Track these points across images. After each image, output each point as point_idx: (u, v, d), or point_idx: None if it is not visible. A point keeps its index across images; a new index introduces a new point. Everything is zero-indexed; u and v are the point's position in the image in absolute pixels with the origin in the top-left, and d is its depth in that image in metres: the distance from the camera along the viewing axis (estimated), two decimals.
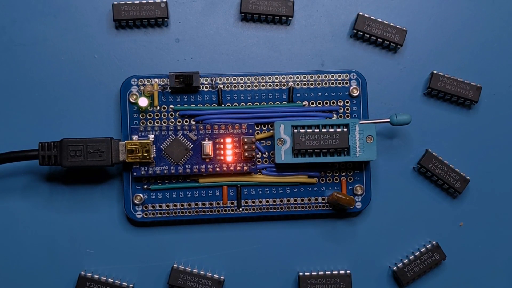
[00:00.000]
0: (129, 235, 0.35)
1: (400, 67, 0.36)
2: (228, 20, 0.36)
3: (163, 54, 0.35)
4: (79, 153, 0.32)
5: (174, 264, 0.34)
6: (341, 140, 0.33)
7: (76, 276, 0.34)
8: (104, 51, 0.35)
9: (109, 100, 0.35)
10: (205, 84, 0.34)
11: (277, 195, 0.34)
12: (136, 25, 0.35)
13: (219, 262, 0.35)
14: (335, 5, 0.36)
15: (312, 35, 0.36)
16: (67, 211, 0.34)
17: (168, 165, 0.33)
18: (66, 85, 0.35)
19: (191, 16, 0.36)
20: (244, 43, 0.36)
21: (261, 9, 0.35)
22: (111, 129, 0.35)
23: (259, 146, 0.34)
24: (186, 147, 0.33)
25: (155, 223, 0.35)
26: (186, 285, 0.34)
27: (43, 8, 0.35)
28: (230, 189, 0.34)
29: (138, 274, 0.34)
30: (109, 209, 0.35)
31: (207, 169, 0.33)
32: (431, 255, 0.35)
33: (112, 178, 0.35)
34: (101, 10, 0.35)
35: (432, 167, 0.35)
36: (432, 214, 0.36)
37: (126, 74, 0.34)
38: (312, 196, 0.35)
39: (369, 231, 0.35)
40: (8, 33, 0.35)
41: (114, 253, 0.34)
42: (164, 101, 0.34)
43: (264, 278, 0.35)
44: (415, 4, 0.36)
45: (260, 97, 0.34)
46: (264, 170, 0.34)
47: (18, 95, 0.34)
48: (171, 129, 0.33)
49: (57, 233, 0.34)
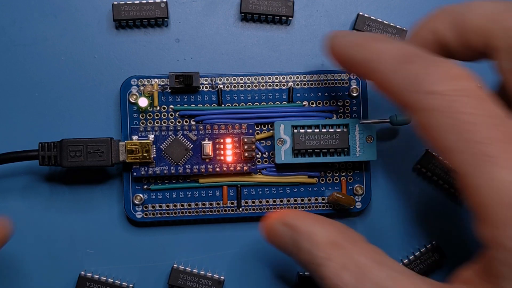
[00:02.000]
0: (129, 235, 0.35)
1: None
2: (228, 20, 0.36)
3: (163, 54, 0.35)
4: (79, 153, 0.32)
5: (174, 264, 0.34)
6: (341, 140, 0.33)
7: (76, 276, 0.34)
8: (104, 51, 0.35)
9: (109, 100, 0.35)
10: (205, 84, 0.34)
11: (277, 195, 0.34)
12: (136, 25, 0.35)
13: (219, 262, 0.35)
14: (335, 5, 0.36)
15: (312, 35, 0.36)
16: (67, 211, 0.34)
17: (168, 165, 0.33)
18: (66, 85, 0.35)
19: (191, 16, 0.36)
20: (244, 43, 0.36)
21: (261, 9, 0.35)
22: (111, 129, 0.35)
23: (259, 146, 0.34)
24: (186, 147, 0.33)
25: (155, 223, 0.35)
26: (186, 285, 0.34)
27: (43, 8, 0.35)
28: (230, 189, 0.34)
29: (138, 274, 0.34)
30: (109, 209, 0.35)
31: (207, 169, 0.33)
32: (431, 255, 0.35)
33: (112, 178, 0.35)
34: (101, 10, 0.35)
35: (432, 167, 0.35)
36: (432, 214, 0.36)
37: (126, 74, 0.34)
38: (312, 196, 0.35)
39: (369, 231, 0.35)
40: (8, 33, 0.35)
41: (114, 253, 0.34)
42: (164, 101, 0.34)
43: (264, 278, 0.35)
44: (415, 4, 0.36)
45: (260, 97, 0.34)
46: (264, 170, 0.34)
47: (18, 95, 0.34)
48: (171, 129, 0.33)
49: (57, 233, 0.34)
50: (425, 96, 0.24)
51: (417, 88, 0.24)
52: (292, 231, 0.28)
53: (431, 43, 0.28)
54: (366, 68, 0.27)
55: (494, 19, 0.26)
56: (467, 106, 0.23)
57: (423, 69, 0.24)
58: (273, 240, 0.30)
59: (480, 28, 0.26)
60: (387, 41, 0.27)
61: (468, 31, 0.26)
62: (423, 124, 0.24)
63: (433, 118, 0.24)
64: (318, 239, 0.27)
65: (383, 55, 0.26)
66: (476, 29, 0.26)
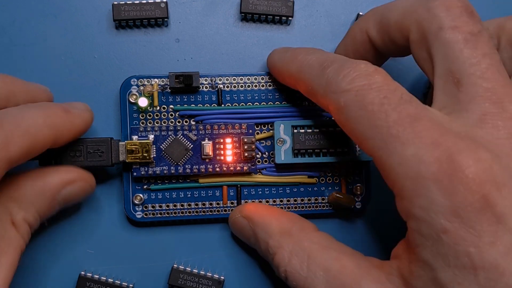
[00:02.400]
0: (129, 235, 0.35)
1: (400, 67, 0.36)
2: (228, 20, 0.36)
3: (163, 54, 0.35)
4: (79, 153, 0.32)
5: (174, 264, 0.34)
6: (341, 140, 0.33)
7: (76, 276, 0.34)
8: (104, 51, 0.35)
9: (109, 100, 0.35)
10: (205, 84, 0.34)
11: (277, 195, 0.34)
12: (136, 25, 0.35)
13: (219, 262, 0.35)
14: (335, 5, 0.36)
15: (312, 35, 0.36)
16: (67, 211, 0.34)
17: (168, 165, 0.33)
18: (66, 85, 0.35)
19: (191, 16, 0.36)
20: (244, 43, 0.36)
21: (261, 9, 0.35)
22: (111, 129, 0.35)
23: (259, 146, 0.34)
24: (186, 147, 0.33)
25: (155, 223, 0.35)
26: (186, 285, 0.34)
27: (43, 8, 0.35)
28: (230, 189, 0.34)
29: (138, 274, 0.34)
30: (109, 209, 0.35)
31: (207, 169, 0.33)
32: None
33: (112, 178, 0.35)
34: (101, 10, 0.35)
35: None
36: None
37: (126, 74, 0.34)
38: (312, 196, 0.35)
39: (369, 231, 0.35)
40: (8, 33, 0.35)
41: (114, 253, 0.34)
42: (164, 101, 0.34)
43: (264, 278, 0.35)
44: None
45: (260, 97, 0.34)
46: (264, 170, 0.34)
47: None
48: (171, 129, 0.33)
49: (57, 233, 0.34)
50: (340, 95, 0.26)
51: (333, 89, 0.27)
52: (250, 223, 0.32)
53: (362, 42, 0.31)
54: (296, 79, 0.30)
55: (408, 14, 0.28)
56: (374, 97, 0.25)
57: (337, 72, 0.27)
58: (238, 233, 0.33)
59: (397, 24, 0.29)
60: (312, 53, 0.30)
61: (390, 28, 0.29)
62: (342, 121, 0.27)
63: (348, 113, 0.26)
64: (271, 229, 0.31)
65: (307, 65, 0.29)
66: (395, 25, 0.29)
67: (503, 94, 0.26)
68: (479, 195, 0.23)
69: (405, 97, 0.26)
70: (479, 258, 0.23)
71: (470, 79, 0.26)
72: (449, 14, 0.27)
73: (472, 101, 0.26)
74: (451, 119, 0.26)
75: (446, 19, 0.27)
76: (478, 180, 0.23)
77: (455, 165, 0.24)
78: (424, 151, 0.24)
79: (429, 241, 0.24)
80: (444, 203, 0.23)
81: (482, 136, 0.25)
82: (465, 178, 0.23)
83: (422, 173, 0.24)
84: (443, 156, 0.24)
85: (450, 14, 0.27)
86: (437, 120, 0.25)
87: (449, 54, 0.26)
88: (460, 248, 0.23)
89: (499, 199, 0.23)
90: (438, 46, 0.27)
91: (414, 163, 0.24)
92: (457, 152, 0.24)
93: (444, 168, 0.24)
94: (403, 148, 0.25)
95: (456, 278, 0.24)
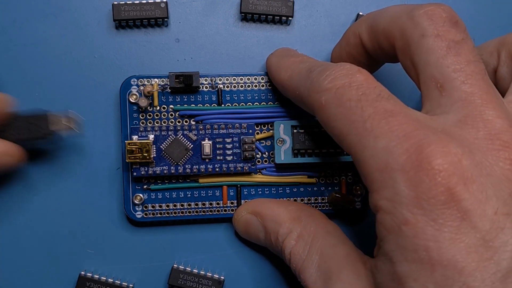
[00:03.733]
0: (129, 235, 0.35)
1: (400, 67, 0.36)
2: (228, 20, 0.36)
3: (163, 54, 0.35)
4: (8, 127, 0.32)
5: (174, 264, 0.34)
6: None
7: (76, 276, 0.34)
8: (104, 51, 0.35)
9: (109, 100, 0.35)
10: (205, 84, 0.34)
11: (277, 195, 0.34)
12: (136, 25, 0.35)
13: (219, 262, 0.35)
14: (335, 5, 0.36)
15: (312, 35, 0.36)
16: (67, 211, 0.34)
17: (168, 165, 0.33)
18: (66, 85, 0.35)
19: (191, 16, 0.36)
20: (244, 43, 0.36)
21: (261, 9, 0.35)
22: (111, 129, 0.35)
23: (259, 146, 0.34)
24: (186, 147, 0.33)
25: (155, 223, 0.35)
26: (186, 285, 0.34)
27: (43, 8, 0.35)
28: (230, 189, 0.34)
29: (138, 274, 0.34)
30: (109, 209, 0.35)
31: (207, 169, 0.33)
32: None
33: (112, 178, 0.35)
34: (101, 10, 0.35)
35: None
36: None
37: (126, 74, 0.34)
38: (312, 196, 0.35)
39: (369, 231, 0.35)
40: (8, 33, 0.35)
41: (114, 253, 0.34)
42: (164, 101, 0.34)
43: (264, 278, 0.35)
44: None
45: (260, 97, 0.34)
46: (264, 170, 0.34)
47: (18, 95, 0.34)
48: (171, 129, 0.33)
49: (57, 233, 0.34)
50: (322, 93, 0.27)
51: (315, 89, 0.27)
52: (259, 217, 0.32)
53: (355, 45, 0.31)
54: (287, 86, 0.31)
55: (393, 22, 0.28)
56: (351, 95, 0.26)
57: (320, 73, 0.27)
58: (244, 232, 0.34)
59: (384, 31, 0.29)
60: (305, 61, 0.30)
61: (378, 34, 0.29)
62: (323, 120, 0.27)
63: (328, 112, 0.26)
64: (281, 218, 0.31)
65: (297, 73, 0.30)
66: (382, 32, 0.29)
67: (486, 100, 0.25)
68: (444, 187, 0.23)
69: (383, 94, 0.26)
70: (437, 253, 0.22)
71: (453, 83, 0.26)
72: (432, 23, 0.27)
73: (454, 105, 0.25)
74: (431, 118, 0.26)
75: (429, 27, 0.27)
76: (444, 172, 0.23)
77: (422, 156, 0.23)
78: (395, 143, 0.24)
79: (391, 234, 0.24)
80: (408, 194, 0.23)
81: (460, 134, 0.25)
82: (431, 169, 0.23)
83: (391, 164, 0.23)
84: (412, 147, 0.23)
85: (433, 23, 0.27)
86: (414, 116, 0.25)
87: (432, 60, 0.26)
88: (419, 241, 0.23)
89: (466, 195, 0.23)
90: (420, 53, 0.27)
91: (383, 155, 0.24)
92: (427, 144, 0.23)
93: (412, 159, 0.23)
94: (375, 141, 0.24)
95: (412, 273, 0.23)
